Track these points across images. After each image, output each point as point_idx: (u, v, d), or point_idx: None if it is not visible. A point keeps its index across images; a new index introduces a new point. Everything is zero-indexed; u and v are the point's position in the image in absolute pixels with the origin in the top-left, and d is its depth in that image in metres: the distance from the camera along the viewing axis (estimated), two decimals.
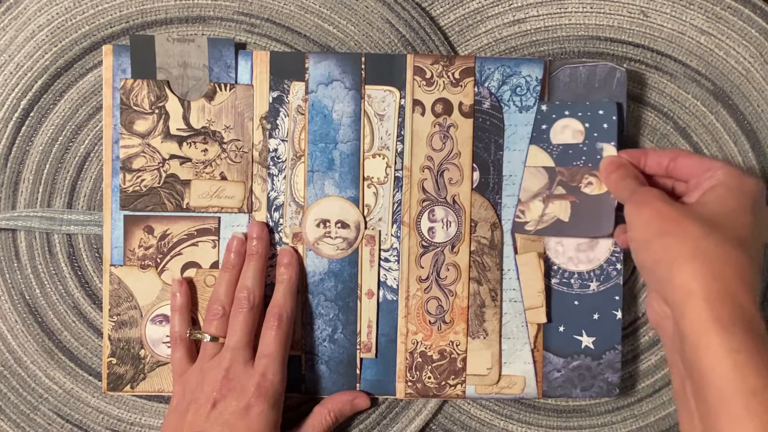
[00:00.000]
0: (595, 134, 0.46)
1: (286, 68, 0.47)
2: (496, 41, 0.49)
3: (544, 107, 0.47)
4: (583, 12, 0.49)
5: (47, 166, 0.48)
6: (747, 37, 0.48)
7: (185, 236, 0.47)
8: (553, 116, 0.46)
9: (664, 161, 0.42)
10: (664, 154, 0.42)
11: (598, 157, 0.45)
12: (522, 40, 0.49)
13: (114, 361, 0.47)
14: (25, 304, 0.48)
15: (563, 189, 0.46)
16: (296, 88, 0.47)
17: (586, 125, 0.46)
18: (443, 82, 0.47)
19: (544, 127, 0.47)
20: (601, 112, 0.46)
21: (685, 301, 0.33)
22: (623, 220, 0.42)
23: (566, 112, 0.46)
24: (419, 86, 0.47)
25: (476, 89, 0.47)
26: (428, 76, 0.47)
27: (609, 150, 0.45)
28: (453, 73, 0.47)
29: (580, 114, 0.46)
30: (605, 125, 0.46)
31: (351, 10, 0.48)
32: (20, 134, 0.48)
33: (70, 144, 0.48)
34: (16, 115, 0.47)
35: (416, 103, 0.47)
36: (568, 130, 0.46)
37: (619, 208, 0.44)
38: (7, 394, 0.48)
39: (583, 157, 0.46)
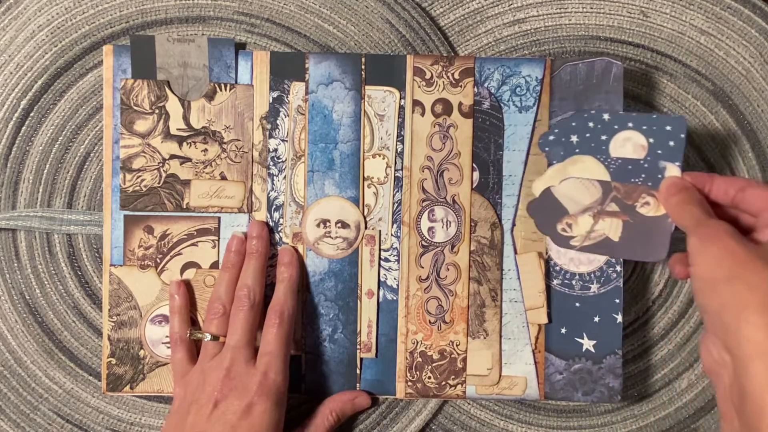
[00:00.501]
0: (659, 151, 0.42)
1: (287, 68, 0.47)
2: (496, 41, 0.49)
3: (606, 116, 0.43)
4: (583, 12, 0.49)
5: (47, 166, 0.48)
6: (747, 37, 0.48)
7: (185, 236, 0.47)
8: (615, 127, 0.43)
9: (731, 190, 0.39)
10: (733, 182, 0.39)
11: (660, 176, 0.42)
12: (522, 40, 0.49)
13: (113, 361, 0.46)
14: (25, 304, 0.48)
15: (616, 206, 0.43)
16: (296, 89, 0.47)
17: (651, 140, 0.42)
18: (443, 82, 0.47)
19: (603, 137, 0.44)
20: (668, 128, 0.42)
21: (751, 357, 0.31)
22: (678, 248, 0.40)
23: (630, 124, 0.43)
24: (419, 86, 0.47)
25: (476, 89, 0.47)
26: (428, 76, 0.47)
27: (672, 170, 0.42)
28: (453, 74, 0.47)
29: (644, 127, 0.43)
30: (671, 143, 0.42)
31: (351, 10, 0.48)
32: (20, 134, 0.48)
33: (70, 144, 0.48)
34: (16, 115, 0.47)
35: (416, 103, 0.47)
36: (629, 144, 0.43)
37: (677, 232, 0.42)
38: (7, 394, 0.48)
39: (643, 175, 0.43)
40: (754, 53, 0.49)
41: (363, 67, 0.47)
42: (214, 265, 0.47)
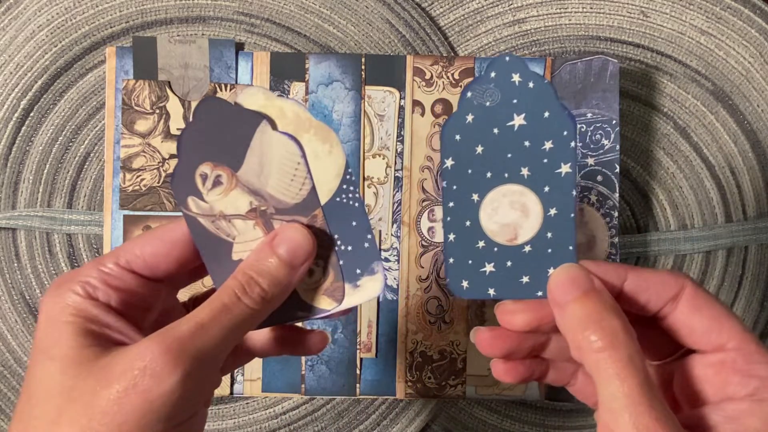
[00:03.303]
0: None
1: (287, 69, 0.47)
2: (496, 41, 0.49)
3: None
4: (583, 12, 0.49)
5: (47, 166, 0.48)
6: (747, 37, 0.48)
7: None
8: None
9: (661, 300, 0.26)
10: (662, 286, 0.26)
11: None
12: (522, 40, 0.49)
13: None
14: (25, 304, 0.48)
15: None
16: (296, 89, 0.47)
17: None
18: (443, 82, 0.47)
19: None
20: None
21: None
22: None
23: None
24: (419, 87, 0.47)
25: None
26: (428, 76, 0.47)
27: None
28: (452, 74, 0.47)
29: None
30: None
31: (351, 10, 0.48)
32: (20, 134, 0.48)
33: (70, 144, 0.48)
34: (16, 115, 0.47)
35: (416, 103, 0.47)
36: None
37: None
38: (7, 394, 0.48)
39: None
40: (754, 53, 0.49)
41: (363, 67, 0.47)
42: None
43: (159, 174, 0.46)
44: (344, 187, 0.28)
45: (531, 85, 0.26)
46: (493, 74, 0.27)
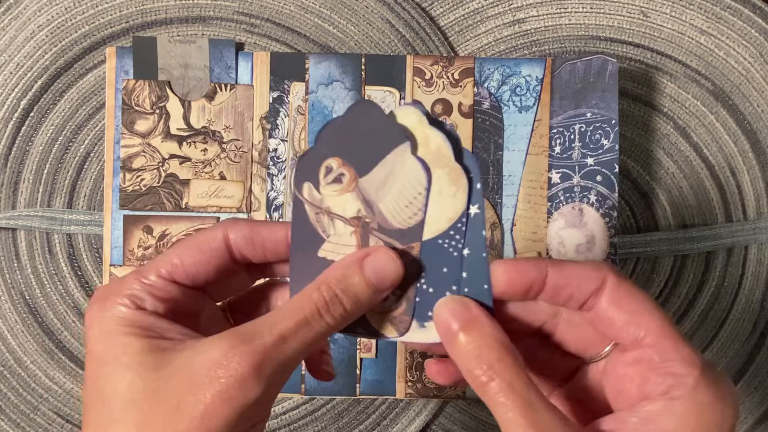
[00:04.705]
0: None
1: (287, 69, 0.47)
2: (496, 41, 0.49)
3: None
4: (583, 12, 0.49)
5: (47, 166, 0.48)
6: (747, 37, 0.48)
7: (184, 236, 0.47)
8: None
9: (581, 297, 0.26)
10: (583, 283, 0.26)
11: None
12: (522, 40, 0.49)
13: None
14: (25, 304, 0.48)
15: None
16: (296, 89, 0.47)
17: None
18: (443, 82, 0.47)
19: None
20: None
21: None
22: None
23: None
24: (419, 87, 0.47)
25: (476, 90, 0.47)
26: (428, 76, 0.47)
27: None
28: (452, 74, 0.47)
29: None
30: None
31: (351, 10, 0.48)
32: (20, 134, 0.48)
33: (70, 144, 0.48)
34: (16, 115, 0.47)
35: (416, 103, 0.47)
36: None
37: None
38: (7, 394, 0.48)
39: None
40: (754, 53, 0.49)
41: (363, 67, 0.47)
42: None
43: (159, 174, 0.46)
44: (451, 233, 0.27)
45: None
46: None
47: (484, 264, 0.26)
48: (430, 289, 0.27)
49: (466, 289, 0.27)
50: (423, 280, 0.28)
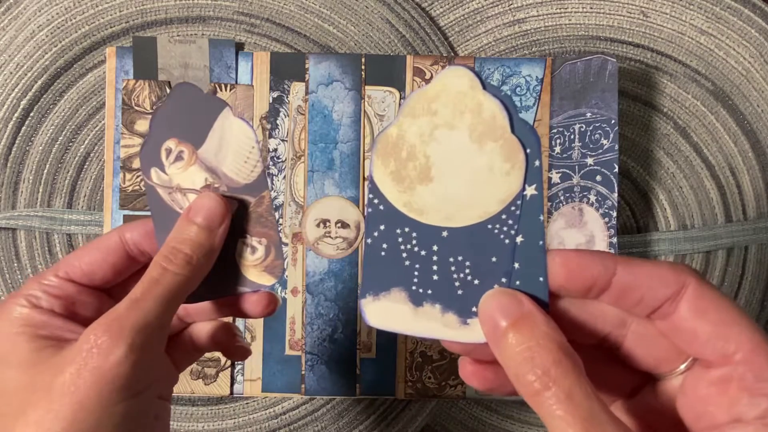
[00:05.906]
0: None
1: (287, 69, 0.47)
2: (496, 41, 0.49)
3: None
4: (583, 12, 0.49)
5: (47, 166, 0.48)
6: (747, 37, 0.48)
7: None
8: None
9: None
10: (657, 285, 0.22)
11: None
12: (522, 40, 0.49)
13: None
14: None
15: None
16: (296, 89, 0.47)
17: None
18: None
19: None
20: None
21: None
22: None
23: None
24: (419, 87, 0.47)
25: None
26: (428, 77, 0.47)
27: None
28: None
29: None
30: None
31: (351, 10, 0.48)
32: (20, 134, 0.48)
33: (70, 144, 0.48)
34: (16, 115, 0.47)
35: None
36: None
37: None
38: None
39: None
40: (754, 53, 0.49)
41: (363, 67, 0.47)
42: None
43: None
44: (503, 217, 0.24)
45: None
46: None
47: (541, 254, 0.23)
48: (476, 281, 0.24)
49: (517, 282, 0.24)
50: (467, 270, 0.24)
